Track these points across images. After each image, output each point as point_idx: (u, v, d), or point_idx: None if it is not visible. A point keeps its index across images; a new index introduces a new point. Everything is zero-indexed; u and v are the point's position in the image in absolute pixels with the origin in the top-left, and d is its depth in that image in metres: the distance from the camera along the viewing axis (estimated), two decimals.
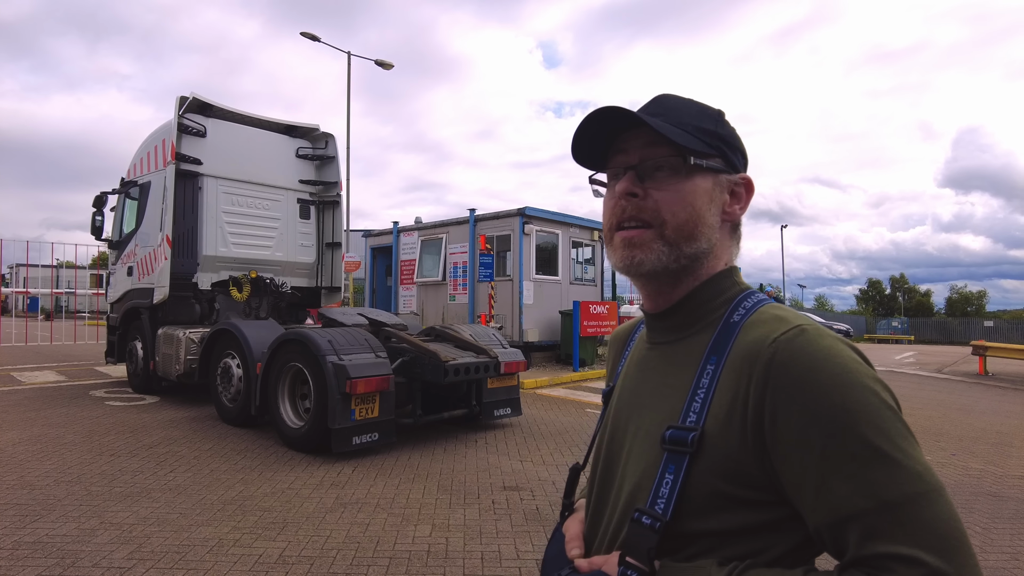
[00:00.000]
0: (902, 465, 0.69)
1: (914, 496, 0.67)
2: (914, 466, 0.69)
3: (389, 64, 19.79)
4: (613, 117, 0.88)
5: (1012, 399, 10.98)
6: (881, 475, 0.68)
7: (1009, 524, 4.29)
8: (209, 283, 8.47)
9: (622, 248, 0.88)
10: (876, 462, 0.69)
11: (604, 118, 0.89)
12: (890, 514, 0.67)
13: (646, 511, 0.79)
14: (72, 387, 9.31)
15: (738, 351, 0.80)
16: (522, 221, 12.36)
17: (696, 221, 0.86)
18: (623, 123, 0.89)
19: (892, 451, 0.69)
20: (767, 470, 0.74)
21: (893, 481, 0.68)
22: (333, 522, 3.94)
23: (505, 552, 3.58)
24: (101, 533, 3.66)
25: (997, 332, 37.74)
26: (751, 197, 0.93)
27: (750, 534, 0.76)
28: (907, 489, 0.68)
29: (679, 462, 0.78)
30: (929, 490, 0.68)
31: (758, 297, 0.88)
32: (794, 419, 0.72)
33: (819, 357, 0.73)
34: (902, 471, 0.68)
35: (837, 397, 0.71)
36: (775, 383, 0.74)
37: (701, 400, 0.80)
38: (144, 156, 8.81)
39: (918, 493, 0.67)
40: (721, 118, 0.92)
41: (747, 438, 0.75)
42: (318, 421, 5.44)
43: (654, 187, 0.86)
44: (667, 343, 0.92)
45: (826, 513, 0.70)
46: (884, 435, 0.69)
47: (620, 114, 0.88)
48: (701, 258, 0.88)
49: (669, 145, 0.86)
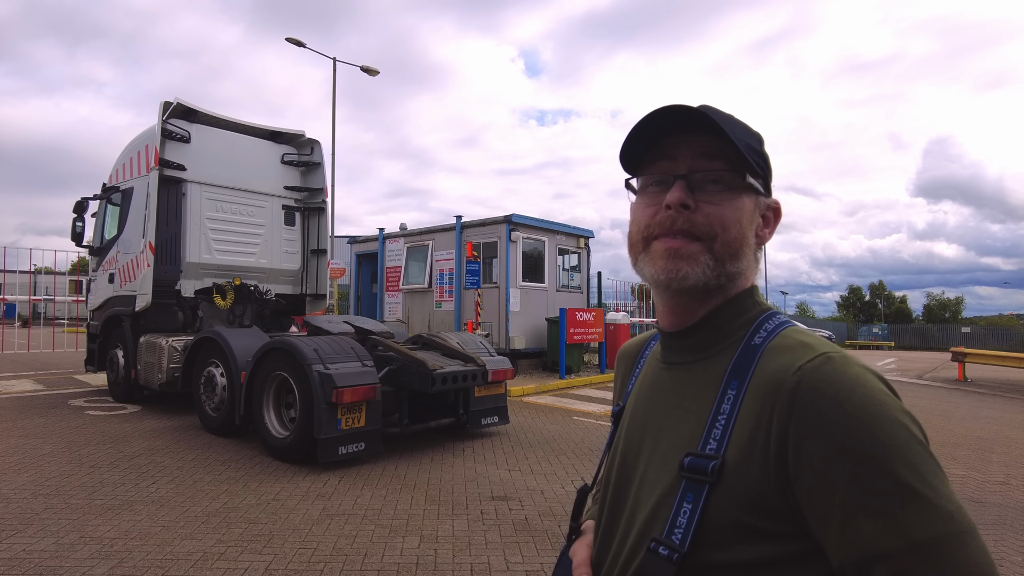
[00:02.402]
0: (934, 504, 0.65)
1: (946, 537, 0.64)
2: (946, 505, 0.66)
3: (375, 70, 19.77)
4: (681, 118, 0.84)
5: (991, 405, 11.16)
6: (912, 514, 0.65)
7: (992, 530, 4.35)
8: (192, 290, 8.36)
9: (665, 259, 0.84)
10: (907, 500, 0.65)
11: (668, 117, 0.85)
12: (921, 555, 0.64)
13: (663, 541, 0.76)
14: (50, 396, 9.12)
15: (761, 378, 0.77)
16: (508, 228, 12.37)
17: (743, 240, 0.85)
18: (685, 126, 0.85)
19: (923, 489, 0.66)
20: (790, 502, 0.72)
21: (924, 521, 0.65)
22: (320, 534, 3.89)
23: (495, 564, 3.56)
24: (81, 548, 3.57)
25: (974, 338, 38.42)
26: (779, 222, 0.92)
27: (771, 568, 0.73)
28: (939, 530, 0.64)
29: (698, 491, 0.76)
30: (962, 532, 0.65)
31: (780, 319, 0.85)
32: (820, 451, 0.69)
33: (846, 387, 0.71)
34: (934, 510, 0.65)
35: (866, 430, 0.68)
36: (800, 413, 0.71)
37: (722, 427, 0.77)
38: (127, 161, 8.69)
39: (950, 535, 0.64)
40: (763, 140, 0.90)
41: (770, 469, 0.72)
42: (304, 431, 5.38)
43: (705, 200, 0.83)
44: (684, 364, 0.89)
45: (852, 551, 0.67)
46: (915, 471, 0.66)
47: (691, 115, 0.84)
48: (737, 277, 0.86)
49: (726, 159, 0.84)
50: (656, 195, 0.87)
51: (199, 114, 8.47)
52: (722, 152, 0.84)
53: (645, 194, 0.90)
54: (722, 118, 0.85)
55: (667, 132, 0.87)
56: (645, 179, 0.90)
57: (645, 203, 0.89)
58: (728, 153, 0.84)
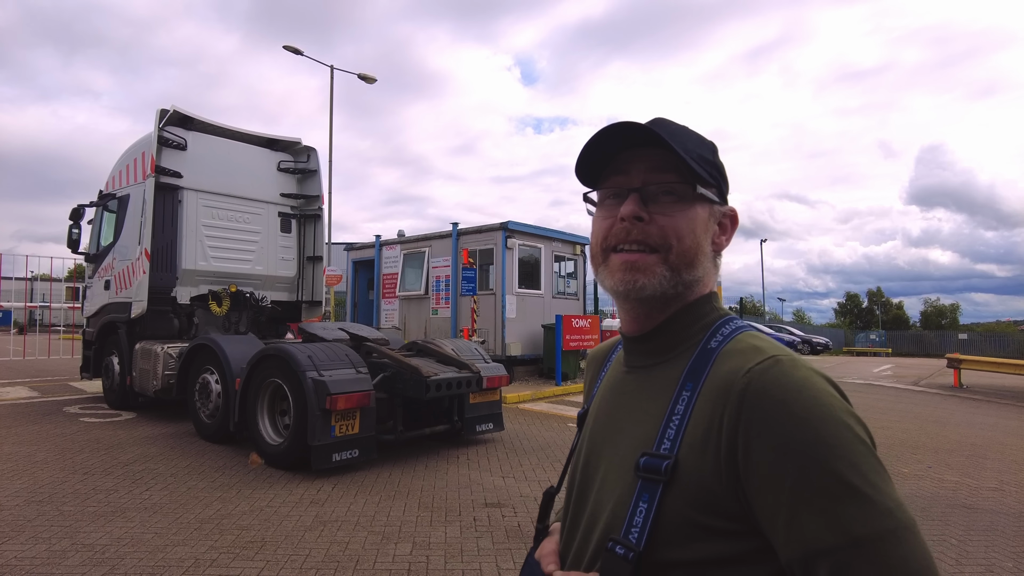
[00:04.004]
0: (874, 501, 0.67)
1: (885, 533, 0.66)
2: (886, 502, 0.68)
3: (372, 78, 19.82)
4: (630, 133, 0.87)
5: (985, 411, 11.18)
6: (852, 511, 0.67)
7: (984, 536, 4.36)
8: (188, 297, 8.38)
9: (622, 271, 0.87)
10: (848, 497, 0.68)
11: (619, 133, 0.88)
12: (861, 551, 0.66)
13: (620, 540, 0.78)
14: (45, 403, 9.10)
15: (714, 380, 0.80)
16: (505, 235, 12.40)
17: (697, 249, 0.87)
18: (638, 141, 0.88)
19: (864, 487, 0.68)
20: (741, 501, 0.74)
21: (865, 517, 0.67)
22: (312, 540, 3.89)
23: (486, 571, 3.56)
24: (73, 555, 3.57)
25: (971, 345, 38.42)
26: (735, 229, 0.95)
27: (724, 566, 0.75)
28: (879, 526, 0.66)
29: (653, 490, 0.77)
30: (900, 527, 0.67)
31: (736, 323, 0.88)
32: (767, 451, 0.71)
33: (792, 389, 0.73)
34: (874, 507, 0.67)
35: (810, 430, 0.70)
36: (748, 415, 0.73)
37: (676, 427, 0.80)
38: (123, 169, 8.72)
39: (889, 530, 0.66)
40: (716, 149, 0.93)
41: (720, 469, 0.74)
42: (297, 437, 5.38)
43: (659, 212, 0.86)
44: (644, 367, 0.92)
45: (797, 548, 0.69)
46: (856, 470, 0.68)
47: (640, 131, 0.87)
48: (694, 285, 0.88)
49: (678, 172, 0.87)
50: (612, 208, 0.90)
51: (195, 121, 8.51)
52: (674, 165, 0.87)
53: (603, 207, 0.93)
54: (672, 132, 0.88)
55: (621, 147, 0.90)
56: (602, 193, 0.94)
57: (602, 216, 0.92)
58: (680, 165, 0.87)
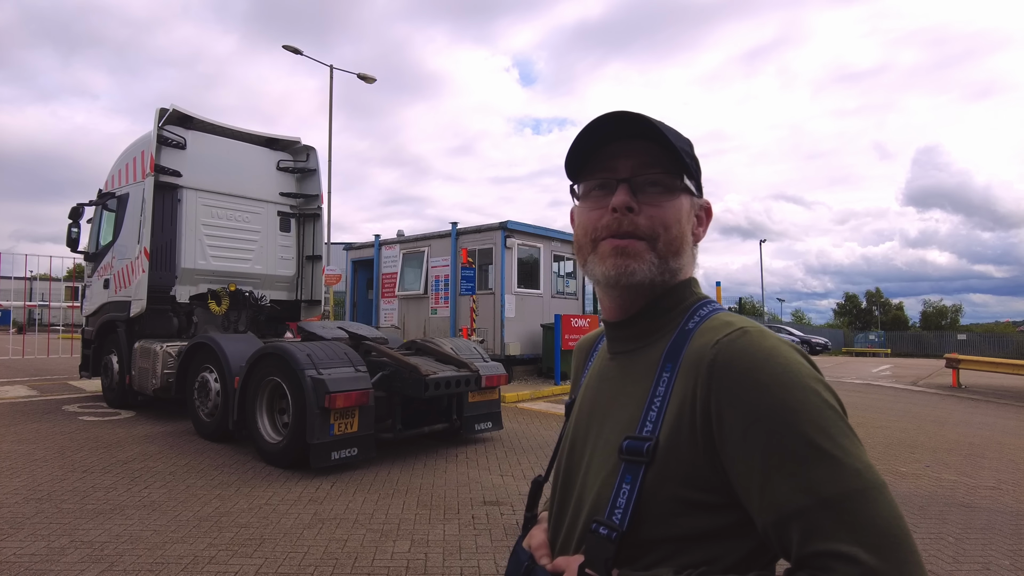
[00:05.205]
0: (842, 463, 0.69)
1: (853, 493, 0.67)
2: (854, 463, 0.69)
3: (372, 78, 19.83)
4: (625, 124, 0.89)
5: (984, 411, 11.19)
6: (821, 472, 0.68)
7: (981, 535, 4.37)
8: (187, 296, 8.37)
9: (614, 256, 0.88)
10: (816, 459, 0.69)
11: (611, 123, 0.89)
12: (829, 511, 0.67)
13: (603, 522, 0.79)
14: (44, 402, 9.11)
15: (688, 357, 0.82)
16: (504, 235, 12.41)
17: (683, 238, 0.90)
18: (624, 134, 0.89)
19: (832, 448, 0.69)
20: (719, 472, 0.76)
21: (833, 478, 0.68)
22: (311, 538, 3.90)
23: (485, 568, 3.57)
24: (71, 552, 3.58)
25: (970, 345, 38.43)
26: (710, 222, 0.97)
27: (708, 540, 0.77)
28: (847, 486, 0.68)
29: (635, 472, 0.79)
30: (868, 487, 0.68)
31: (713, 306, 0.90)
32: (738, 420, 0.73)
33: (760, 357, 0.75)
34: (842, 468, 0.68)
35: (778, 395, 0.72)
36: (718, 384, 0.76)
37: (657, 408, 0.82)
38: (123, 168, 8.72)
39: (857, 490, 0.68)
40: (693, 145, 0.95)
41: (697, 441, 0.76)
42: (296, 436, 5.39)
43: (647, 202, 0.88)
44: (626, 352, 0.94)
45: (770, 512, 0.71)
46: (824, 433, 0.70)
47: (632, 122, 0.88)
48: (677, 273, 0.90)
49: (664, 164, 0.89)
50: (600, 199, 0.91)
51: (195, 120, 8.51)
52: (659, 157, 0.89)
53: (589, 199, 0.94)
54: (660, 125, 0.89)
55: (608, 139, 0.91)
56: (588, 184, 0.95)
57: (589, 207, 0.93)
58: (665, 158, 0.88)
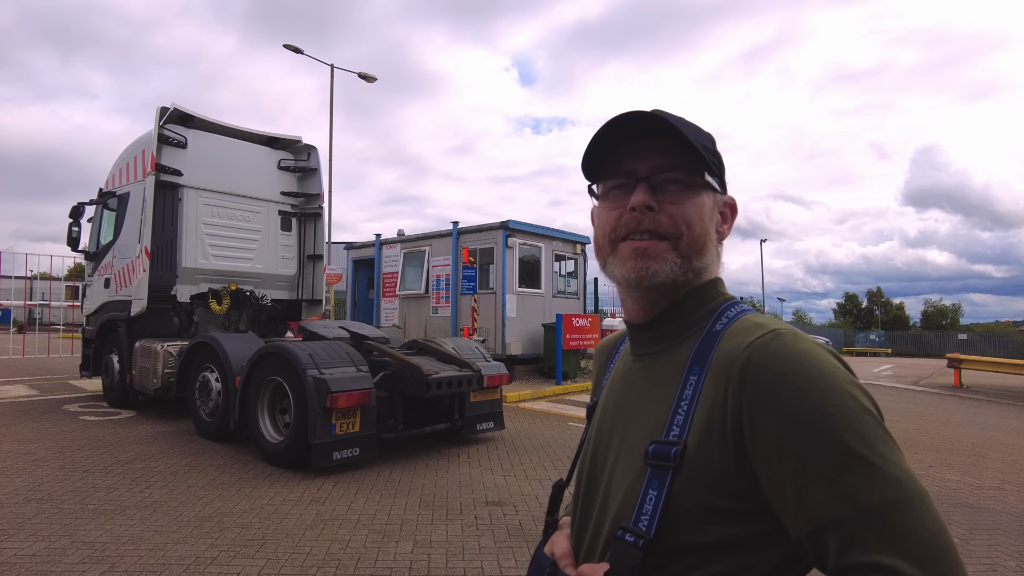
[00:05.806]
0: (882, 471, 0.66)
1: (894, 503, 0.64)
2: (895, 472, 0.66)
3: (372, 77, 19.80)
4: (640, 123, 0.86)
5: (986, 411, 11.17)
6: (860, 481, 0.65)
7: (986, 535, 4.35)
8: (188, 295, 8.36)
9: (634, 258, 0.85)
10: (855, 467, 0.66)
11: (627, 123, 0.87)
12: (869, 521, 0.64)
13: (630, 529, 0.77)
14: (45, 401, 9.09)
15: (717, 359, 0.79)
16: (505, 234, 12.38)
17: (706, 236, 0.87)
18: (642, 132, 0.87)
19: (871, 456, 0.66)
20: (750, 479, 0.73)
21: (872, 487, 0.65)
22: (313, 539, 3.88)
23: (488, 569, 3.55)
24: (72, 552, 3.56)
25: (971, 345, 38.42)
26: (735, 218, 0.94)
27: (738, 548, 0.74)
28: (887, 495, 0.65)
29: (662, 477, 0.77)
30: (910, 496, 0.65)
31: (741, 307, 0.87)
32: (771, 424, 0.70)
33: (794, 360, 0.72)
34: (882, 477, 0.65)
35: (814, 401, 0.69)
36: (751, 388, 0.73)
37: (684, 412, 0.79)
38: (123, 167, 8.70)
39: (899, 499, 0.64)
40: (715, 140, 0.93)
41: (728, 446, 0.74)
42: (298, 436, 5.37)
43: (667, 200, 0.86)
44: (651, 354, 0.91)
45: (806, 521, 0.68)
46: (863, 440, 0.67)
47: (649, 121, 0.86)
48: (702, 272, 0.88)
49: (684, 160, 0.86)
50: (619, 199, 0.89)
51: (196, 119, 8.49)
52: (679, 153, 0.86)
53: (608, 199, 0.92)
54: (678, 122, 0.87)
55: (625, 138, 0.89)
56: (606, 184, 0.92)
57: (609, 207, 0.91)
58: (685, 154, 0.86)
